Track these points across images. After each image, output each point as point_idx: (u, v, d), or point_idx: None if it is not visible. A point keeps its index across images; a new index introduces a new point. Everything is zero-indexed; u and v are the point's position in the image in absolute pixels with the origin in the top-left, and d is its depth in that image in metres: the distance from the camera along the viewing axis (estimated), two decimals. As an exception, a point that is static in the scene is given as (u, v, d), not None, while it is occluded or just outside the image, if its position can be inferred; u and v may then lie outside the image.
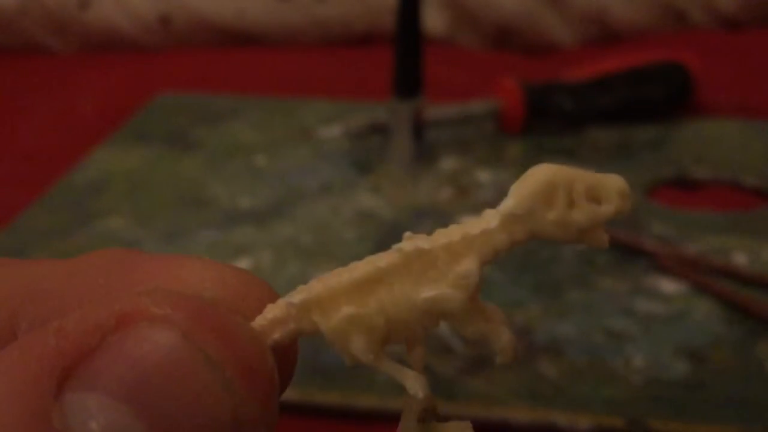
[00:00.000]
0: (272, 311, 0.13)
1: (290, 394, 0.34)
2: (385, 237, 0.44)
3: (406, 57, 0.50)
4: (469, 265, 0.13)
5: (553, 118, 0.55)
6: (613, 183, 0.13)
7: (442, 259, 0.13)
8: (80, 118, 0.60)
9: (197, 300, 0.12)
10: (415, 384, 0.13)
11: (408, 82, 0.50)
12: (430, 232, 0.13)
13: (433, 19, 0.69)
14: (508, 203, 0.13)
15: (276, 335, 0.13)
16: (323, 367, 0.35)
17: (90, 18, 0.71)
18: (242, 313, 0.13)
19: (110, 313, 0.12)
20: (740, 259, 0.42)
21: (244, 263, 0.41)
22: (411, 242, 0.13)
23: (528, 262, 0.41)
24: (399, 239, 0.13)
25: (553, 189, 0.13)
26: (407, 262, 0.13)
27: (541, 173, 0.13)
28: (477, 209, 0.37)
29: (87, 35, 0.71)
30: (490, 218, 0.13)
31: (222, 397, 0.12)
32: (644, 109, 0.57)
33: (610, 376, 0.34)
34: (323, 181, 0.49)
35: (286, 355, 0.13)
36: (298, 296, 0.13)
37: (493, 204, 0.13)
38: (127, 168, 0.52)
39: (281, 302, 0.13)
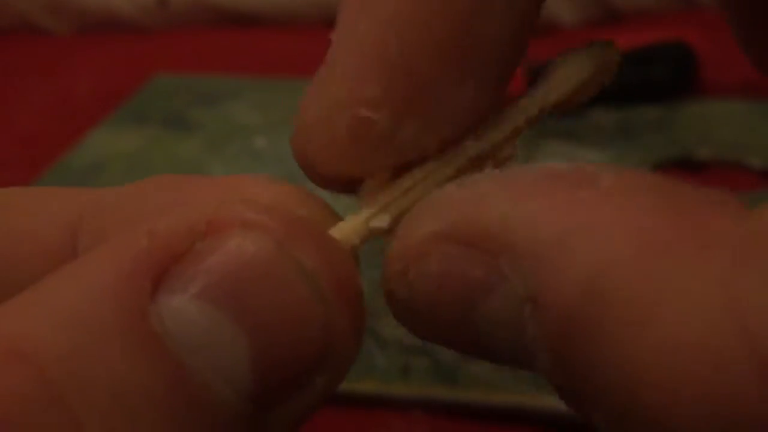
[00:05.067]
0: (353, 234, 0.14)
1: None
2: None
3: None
4: (511, 150, 0.14)
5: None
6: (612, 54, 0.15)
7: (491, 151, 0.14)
8: (77, 99, 0.59)
9: (292, 214, 0.12)
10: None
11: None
12: None
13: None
14: (553, 97, 0.14)
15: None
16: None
17: (86, -2, 0.70)
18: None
19: (203, 218, 0.12)
20: (746, 242, 0.41)
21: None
22: (479, 144, 0.14)
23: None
24: None
25: (590, 81, 0.15)
26: (471, 162, 0.14)
27: (582, 68, 0.14)
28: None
29: (84, 16, 0.71)
30: (530, 107, 0.14)
31: (316, 307, 0.12)
32: (648, 89, 0.56)
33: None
34: (323, 163, 0.49)
35: None
36: (378, 221, 0.14)
37: None
38: (125, 149, 0.51)
39: (359, 223, 0.14)
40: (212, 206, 0.12)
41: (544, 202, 0.12)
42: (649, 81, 0.56)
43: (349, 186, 0.15)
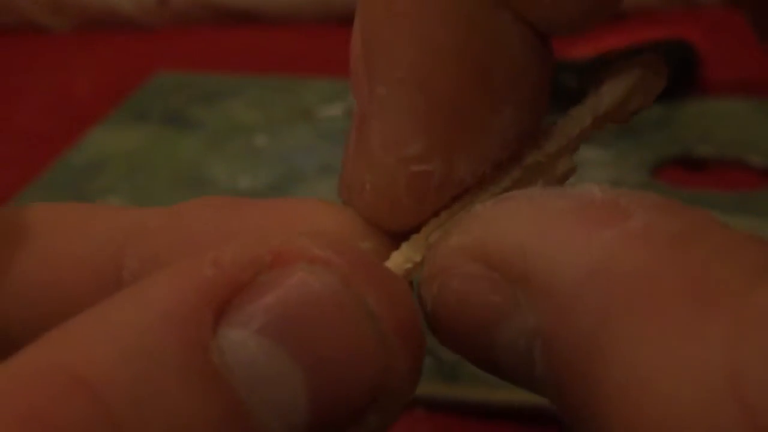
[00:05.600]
0: (406, 262, 0.14)
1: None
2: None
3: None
4: (570, 163, 0.15)
5: (557, 97, 0.54)
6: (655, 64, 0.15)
7: (548, 163, 0.14)
8: (77, 97, 0.59)
9: (357, 249, 0.12)
10: None
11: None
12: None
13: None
14: (605, 105, 0.14)
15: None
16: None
17: (87, -4, 0.70)
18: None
19: (268, 249, 0.11)
20: (747, 240, 0.41)
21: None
22: (532, 157, 0.14)
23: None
24: None
25: (637, 87, 0.15)
26: (524, 175, 0.14)
27: (630, 77, 0.14)
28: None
29: (84, 14, 0.71)
30: (584, 117, 0.14)
31: (377, 349, 0.12)
32: (649, 87, 0.56)
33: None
34: (324, 161, 0.49)
35: None
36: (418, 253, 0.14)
37: None
38: (125, 148, 0.51)
39: (406, 256, 0.14)
40: (277, 238, 0.12)
41: (567, 238, 0.11)
42: (650, 79, 0.56)
43: (407, 231, 0.15)
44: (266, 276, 0.11)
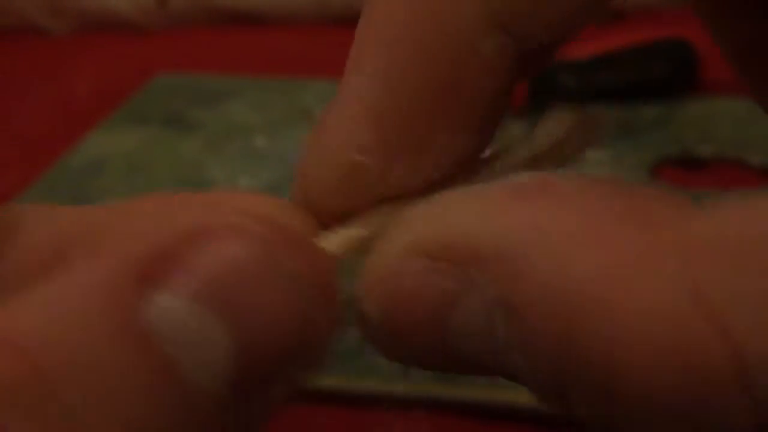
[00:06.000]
0: (335, 243, 0.14)
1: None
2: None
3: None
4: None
5: (556, 97, 0.55)
6: (598, 119, 0.16)
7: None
8: (77, 99, 0.59)
9: (276, 220, 0.13)
10: None
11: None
12: None
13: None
14: (536, 150, 0.15)
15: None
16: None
17: (86, -2, 0.70)
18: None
19: (192, 222, 0.13)
20: (747, 239, 0.41)
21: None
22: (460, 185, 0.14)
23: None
24: None
25: (570, 135, 0.15)
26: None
27: (562, 123, 0.15)
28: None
29: (83, 16, 0.71)
30: (516, 156, 0.15)
31: (296, 306, 0.13)
32: (649, 87, 0.56)
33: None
34: (323, 162, 0.49)
35: None
36: (358, 231, 0.14)
37: None
38: (125, 150, 0.51)
39: (343, 234, 0.15)
40: (204, 212, 0.13)
41: (507, 210, 0.13)
42: (650, 79, 0.56)
43: (345, 218, 0.16)
44: (191, 246, 0.12)
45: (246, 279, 0.12)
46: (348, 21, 0.74)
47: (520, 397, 0.32)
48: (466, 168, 0.16)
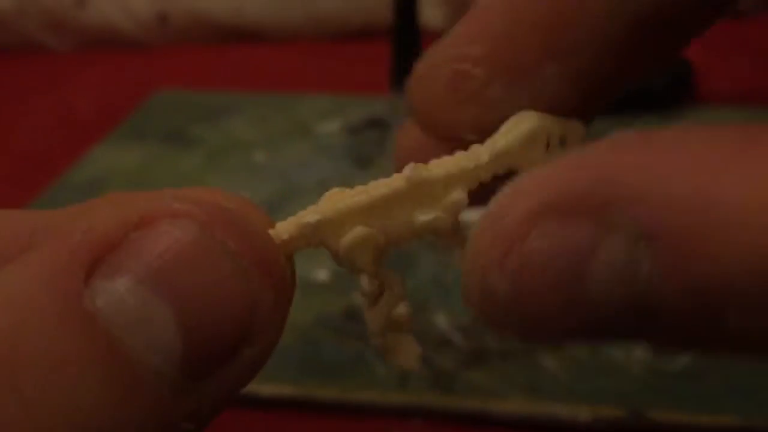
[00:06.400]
0: (286, 230, 0.15)
1: (288, 390, 0.34)
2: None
3: (403, 50, 0.49)
4: (460, 195, 0.15)
5: (552, 110, 0.55)
6: (575, 129, 0.16)
7: (437, 188, 0.15)
8: (78, 116, 0.59)
9: (216, 202, 0.14)
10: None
11: (405, 75, 0.50)
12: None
13: (432, 11, 0.69)
14: (499, 142, 0.15)
15: (289, 252, 0.15)
16: (322, 362, 0.35)
17: (87, 16, 0.71)
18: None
19: (135, 212, 0.13)
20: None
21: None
22: (416, 172, 0.14)
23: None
24: None
25: (537, 133, 0.15)
26: (409, 189, 0.15)
27: (529, 121, 0.15)
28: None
29: (84, 33, 0.71)
30: (481, 154, 0.15)
31: (239, 284, 0.13)
32: (646, 98, 0.56)
33: (611, 368, 0.34)
34: (322, 176, 0.49)
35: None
36: (310, 217, 0.15)
37: None
38: (126, 166, 0.52)
39: (293, 221, 0.15)
40: (146, 200, 0.13)
41: (635, 150, 0.13)
42: (647, 90, 0.56)
43: (447, 135, 0.17)
44: (134, 233, 0.13)
45: (187, 259, 0.13)
46: (344, 37, 0.75)
47: (516, 406, 0.32)
48: (433, 161, 0.16)
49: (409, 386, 0.33)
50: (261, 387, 0.34)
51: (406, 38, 0.49)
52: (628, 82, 0.17)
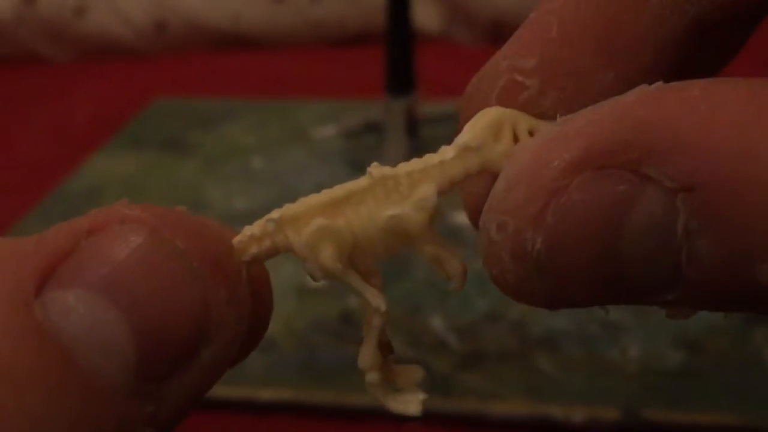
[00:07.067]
0: (250, 229, 0.14)
1: (285, 394, 0.34)
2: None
3: (397, 54, 0.50)
4: (427, 190, 0.14)
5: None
6: (546, 125, 0.15)
7: (403, 185, 0.14)
8: (76, 125, 0.60)
9: (165, 207, 0.13)
10: (377, 297, 0.14)
11: (400, 79, 0.50)
12: None
13: (428, 14, 0.69)
14: (463, 137, 0.14)
15: (253, 250, 0.14)
16: (318, 366, 0.35)
17: (86, 25, 0.71)
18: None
19: (85, 220, 0.13)
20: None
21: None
22: (378, 169, 0.14)
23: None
24: None
25: (501, 126, 0.15)
26: (373, 186, 0.14)
27: (491, 113, 0.15)
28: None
29: (83, 43, 0.72)
30: (447, 151, 0.14)
31: (190, 284, 0.13)
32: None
33: (606, 368, 0.34)
34: (319, 181, 0.49)
35: (260, 280, 0.14)
36: (272, 214, 0.14)
37: None
38: (124, 173, 0.52)
39: (259, 221, 0.14)
40: (97, 215, 0.13)
41: (668, 102, 0.12)
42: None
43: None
44: (85, 242, 0.13)
45: (136, 263, 0.12)
46: (342, 43, 0.75)
47: (512, 407, 0.33)
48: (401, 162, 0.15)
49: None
50: (259, 391, 0.34)
51: (400, 41, 0.49)
52: None
